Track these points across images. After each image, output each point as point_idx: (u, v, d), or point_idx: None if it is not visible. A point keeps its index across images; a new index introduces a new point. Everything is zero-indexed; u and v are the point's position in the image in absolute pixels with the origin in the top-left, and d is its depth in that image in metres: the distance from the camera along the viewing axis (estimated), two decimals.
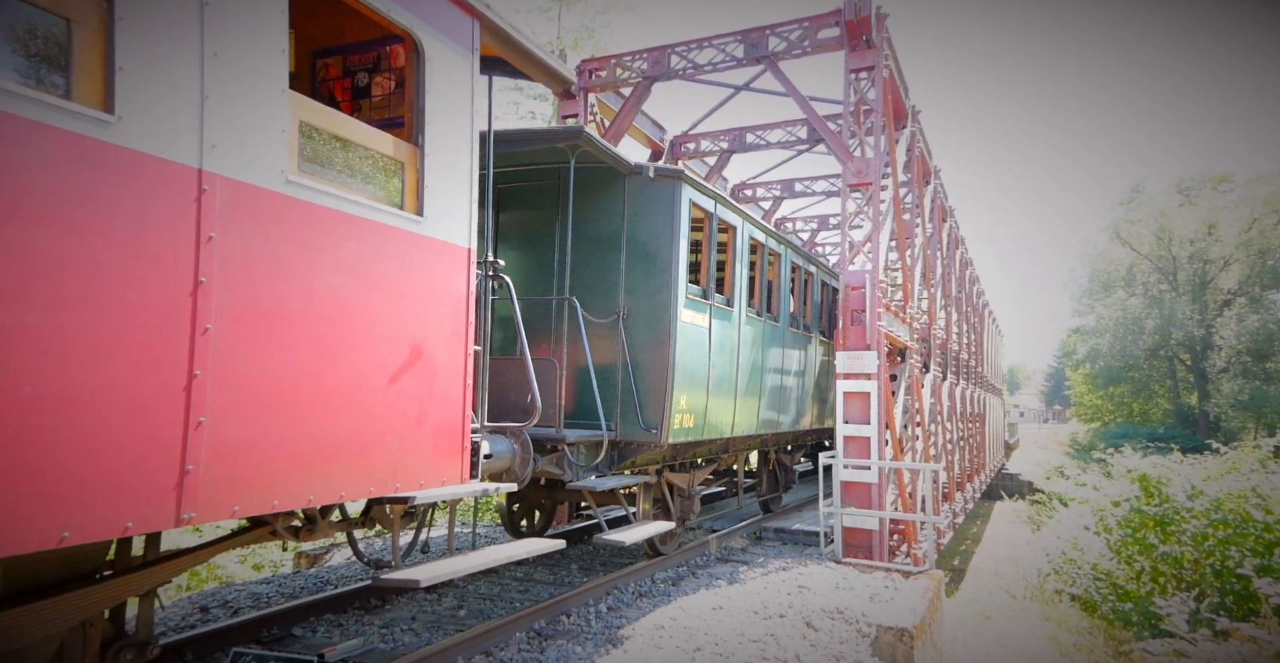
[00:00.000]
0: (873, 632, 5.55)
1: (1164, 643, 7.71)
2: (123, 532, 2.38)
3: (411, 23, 3.60)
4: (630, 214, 6.34)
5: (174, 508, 2.57)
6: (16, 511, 2.07)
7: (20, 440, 2.09)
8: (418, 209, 3.68)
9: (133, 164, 2.41)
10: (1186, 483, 12.22)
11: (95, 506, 2.29)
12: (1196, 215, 40.84)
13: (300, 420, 3.03)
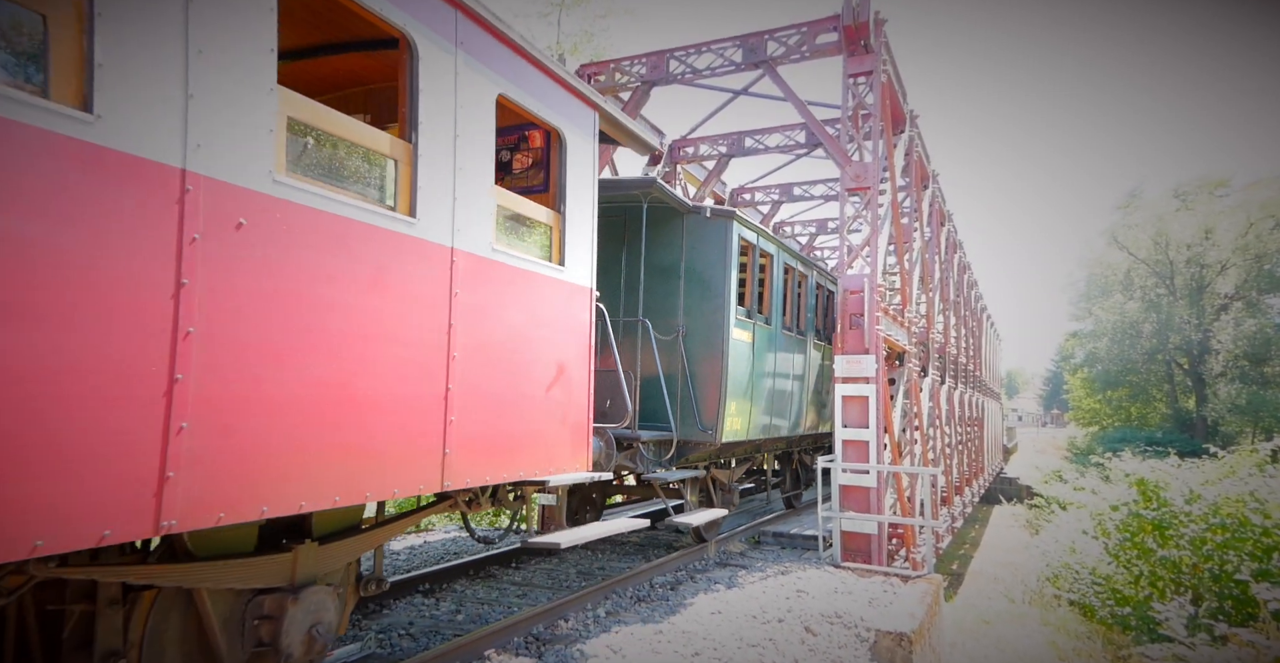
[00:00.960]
0: (871, 637, 5.54)
1: (1162, 648, 7.70)
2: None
3: (559, 121, 4.70)
4: (688, 246, 7.51)
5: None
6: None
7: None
8: (561, 261, 4.74)
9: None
10: (1184, 487, 12.22)
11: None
12: (1193, 220, 40.97)
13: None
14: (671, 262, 7.53)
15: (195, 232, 2.61)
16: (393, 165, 3.63)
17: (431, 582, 6.60)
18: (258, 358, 2.85)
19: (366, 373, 3.32)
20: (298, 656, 3.43)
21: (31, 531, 2.18)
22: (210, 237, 2.63)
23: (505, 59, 4.36)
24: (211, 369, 2.67)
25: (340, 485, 3.16)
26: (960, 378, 17.49)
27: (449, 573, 6.86)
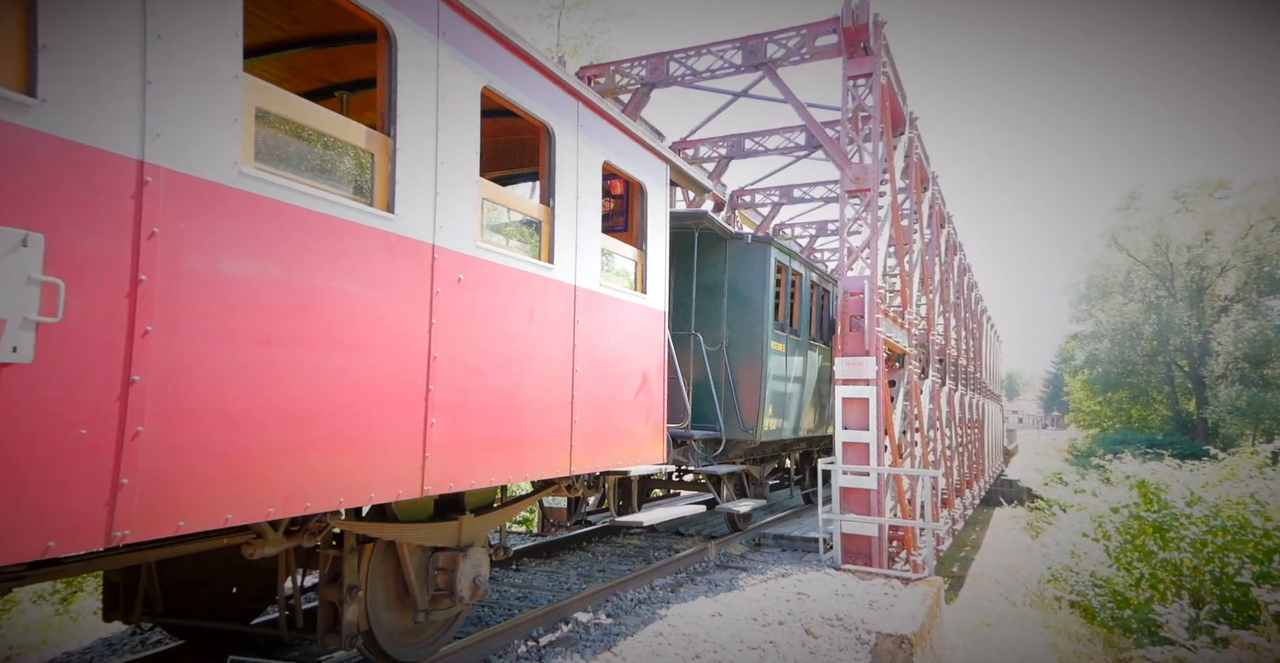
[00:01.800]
0: (872, 639, 5.53)
1: (1163, 650, 7.68)
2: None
3: (641, 175, 5.74)
4: (730, 268, 8.57)
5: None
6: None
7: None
8: (644, 289, 5.81)
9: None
10: (1185, 489, 12.21)
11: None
12: (1193, 222, 41.00)
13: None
14: (716, 281, 8.59)
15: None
16: (539, 226, 4.67)
17: None
18: (475, 374, 3.95)
19: (526, 383, 4.31)
20: (466, 598, 4.45)
21: (337, 491, 3.15)
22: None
23: (609, 133, 5.43)
24: (450, 381, 3.73)
25: (510, 470, 4.24)
26: (961, 380, 17.49)
27: None
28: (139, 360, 2.42)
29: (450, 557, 4.38)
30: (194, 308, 2.61)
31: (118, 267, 2.36)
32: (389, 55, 3.47)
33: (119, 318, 2.37)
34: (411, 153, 3.58)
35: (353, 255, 3.24)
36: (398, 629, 4.26)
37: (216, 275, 2.69)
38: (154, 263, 2.46)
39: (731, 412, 8.39)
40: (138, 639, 5.26)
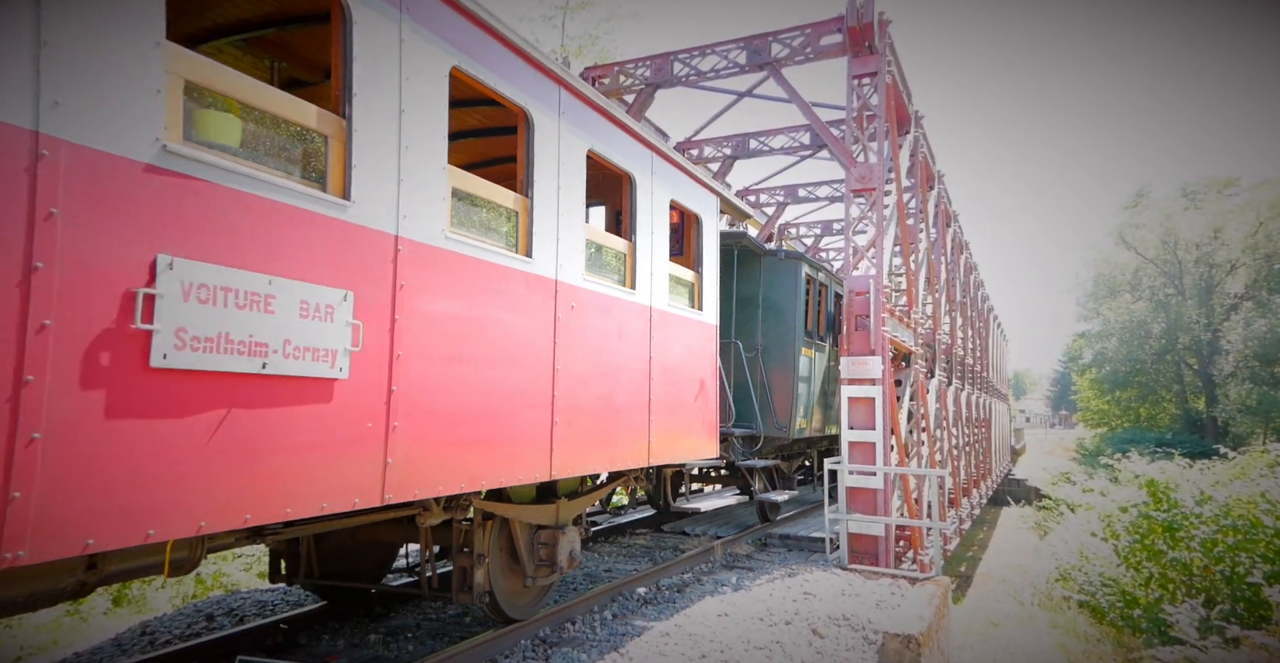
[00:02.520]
0: (879, 639, 5.52)
1: (1174, 650, 7.63)
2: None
3: (697, 207, 6.65)
4: (765, 282, 9.42)
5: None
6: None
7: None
8: (700, 306, 6.66)
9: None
10: (1195, 488, 12.12)
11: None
12: (1202, 219, 40.71)
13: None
14: (752, 293, 9.42)
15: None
16: (624, 258, 5.53)
17: (438, 585, 6.61)
18: (583, 383, 4.86)
19: (617, 390, 5.26)
20: (564, 567, 5.31)
21: (500, 474, 4.07)
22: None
23: (675, 175, 6.32)
24: (567, 389, 4.65)
25: (607, 461, 5.18)
26: (967, 379, 17.41)
27: None
28: (396, 376, 3.34)
29: (551, 533, 5.27)
30: (421, 338, 3.50)
31: (386, 312, 3.30)
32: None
33: (386, 346, 3.31)
34: (542, 210, 4.50)
35: (507, 292, 4.14)
36: (511, 591, 5.10)
37: (432, 313, 3.57)
38: (402, 307, 3.38)
39: (767, 412, 9.27)
40: (146, 639, 5.29)
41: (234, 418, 2.72)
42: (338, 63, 3.25)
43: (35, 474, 2.15)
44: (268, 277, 2.83)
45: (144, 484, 2.44)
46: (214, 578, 10.55)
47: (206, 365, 2.61)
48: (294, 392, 2.94)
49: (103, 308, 2.33)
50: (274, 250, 2.87)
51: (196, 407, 2.60)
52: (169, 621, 5.78)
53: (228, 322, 2.67)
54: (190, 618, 5.82)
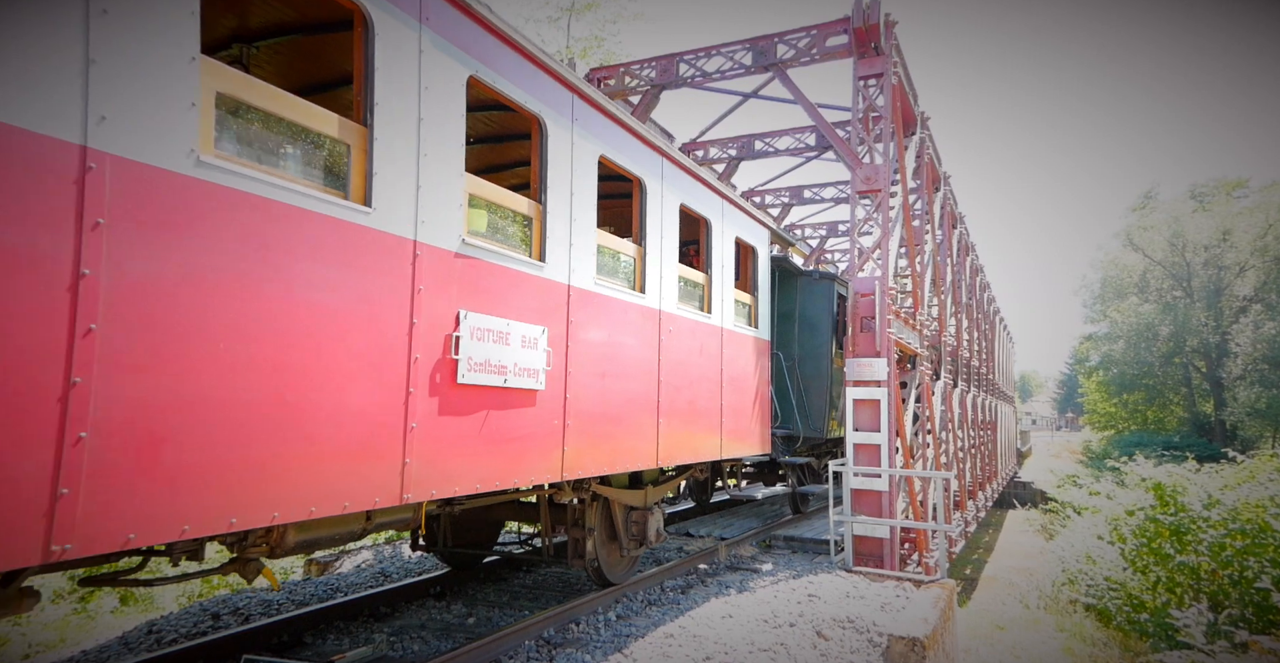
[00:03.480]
0: (884, 642, 5.50)
1: (1181, 655, 7.58)
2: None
3: (753, 240, 7.83)
4: (800, 299, 10.38)
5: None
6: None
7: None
8: (757, 325, 7.90)
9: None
10: (1202, 492, 12.05)
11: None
12: (1211, 221, 40.46)
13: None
14: (790, 309, 10.30)
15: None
16: (702, 287, 6.70)
17: (443, 585, 6.63)
18: (677, 391, 6.04)
19: (698, 396, 6.42)
20: (652, 542, 6.44)
21: (623, 463, 5.19)
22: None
23: (739, 216, 7.48)
24: (668, 395, 5.88)
25: (693, 454, 6.28)
26: (973, 381, 17.35)
27: (460, 576, 6.88)
28: (569, 388, 4.64)
29: (641, 514, 6.36)
30: (581, 359, 4.77)
31: (563, 340, 4.60)
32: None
33: (563, 366, 4.60)
34: (653, 252, 5.74)
35: (631, 322, 5.45)
36: (610, 560, 6.22)
37: (588, 340, 4.88)
38: (572, 337, 4.72)
39: (803, 415, 10.22)
40: (153, 638, 5.32)
41: (489, 417, 4.02)
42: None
43: (413, 449, 3.47)
44: (506, 320, 4.14)
45: (451, 459, 3.72)
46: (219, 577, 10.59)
47: (479, 381, 3.91)
48: (518, 399, 4.26)
49: (439, 346, 3.62)
50: (509, 301, 4.20)
51: (473, 408, 3.90)
52: (175, 619, 5.81)
53: (488, 352, 3.98)
54: (196, 617, 5.85)
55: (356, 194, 3.30)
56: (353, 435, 3.15)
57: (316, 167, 3.26)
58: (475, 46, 3.94)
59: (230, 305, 2.70)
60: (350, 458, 3.14)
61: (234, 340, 2.72)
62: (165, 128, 2.49)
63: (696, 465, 7.26)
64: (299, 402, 2.95)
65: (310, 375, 3.00)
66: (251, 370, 2.76)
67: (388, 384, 3.33)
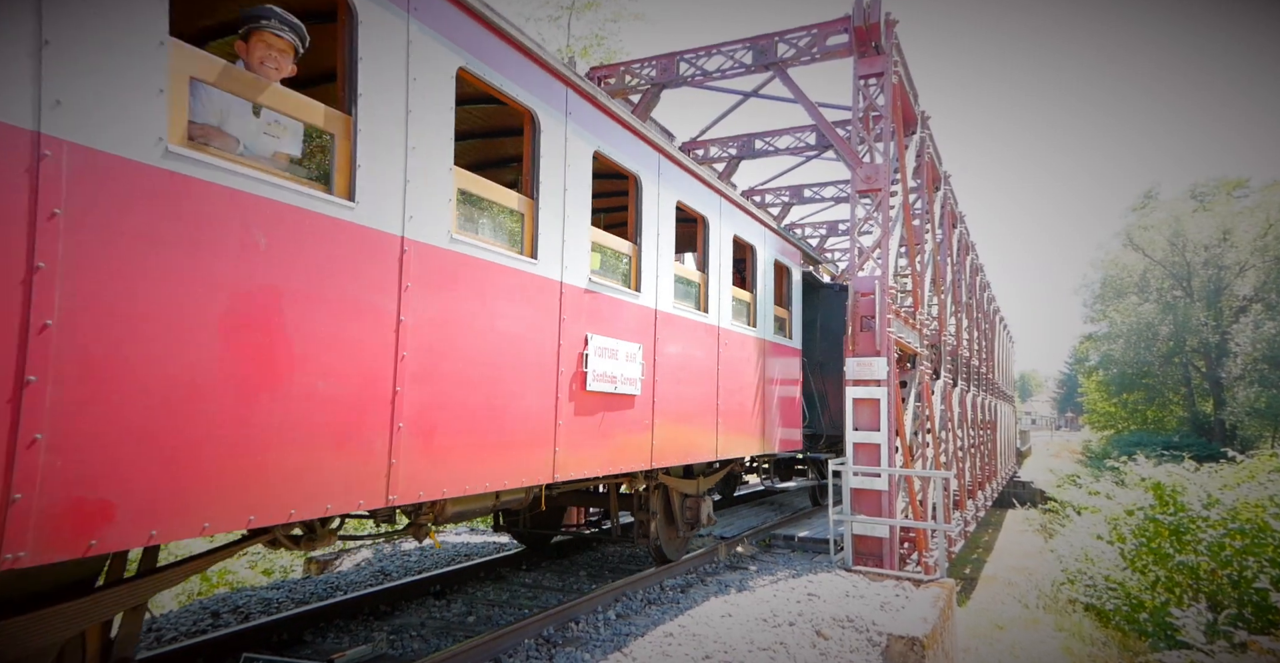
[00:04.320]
0: (883, 641, 5.50)
1: (1180, 654, 7.59)
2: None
3: (789, 262, 8.79)
4: (822, 308, 11.12)
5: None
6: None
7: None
8: (790, 335, 8.85)
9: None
10: (1202, 492, 12.05)
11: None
12: (1211, 221, 40.44)
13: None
14: (812, 318, 10.90)
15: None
16: (748, 304, 7.76)
17: (443, 583, 6.63)
18: (731, 395, 7.08)
19: (746, 399, 7.45)
20: (705, 523, 7.46)
21: (693, 455, 6.27)
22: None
23: (781, 243, 8.71)
24: (725, 397, 6.96)
25: (744, 448, 7.42)
26: (973, 381, 17.35)
27: (460, 575, 6.88)
28: (656, 393, 5.61)
29: (694, 500, 7.42)
30: (664, 370, 5.80)
31: (651, 355, 5.56)
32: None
33: (652, 375, 5.58)
34: (714, 277, 6.80)
35: (698, 338, 6.48)
36: (668, 540, 7.25)
37: (668, 353, 5.89)
38: (659, 351, 5.70)
39: (825, 414, 11.05)
40: (153, 636, 5.32)
41: (604, 417, 5.06)
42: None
43: (560, 441, 4.52)
44: (616, 340, 5.17)
45: (582, 450, 4.80)
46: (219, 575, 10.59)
47: (600, 389, 4.97)
48: (622, 403, 5.29)
49: (574, 361, 4.68)
50: (616, 325, 5.19)
51: (595, 410, 4.97)
52: (175, 618, 5.81)
53: (605, 365, 5.01)
54: (196, 616, 5.85)
55: (529, 249, 4.36)
56: (527, 430, 4.28)
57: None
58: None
59: (471, 342, 3.88)
60: (526, 447, 4.29)
61: (472, 362, 3.85)
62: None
63: (736, 460, 8.40)
64: (501, 406, 4.07)
65: (505, 386, 4.10)
66: (472, 384, 3.85)
67: (545, 391, 4.44)
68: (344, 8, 3.22)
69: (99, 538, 2.31)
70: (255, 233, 2.79)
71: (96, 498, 2.31)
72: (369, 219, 3.25)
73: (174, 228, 2.51)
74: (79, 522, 2.25)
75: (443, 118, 3.67)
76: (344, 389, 3.11)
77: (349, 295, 3.15)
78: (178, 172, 2.51)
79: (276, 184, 2.87)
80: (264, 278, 2.80)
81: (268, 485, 2.82)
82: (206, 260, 2.60)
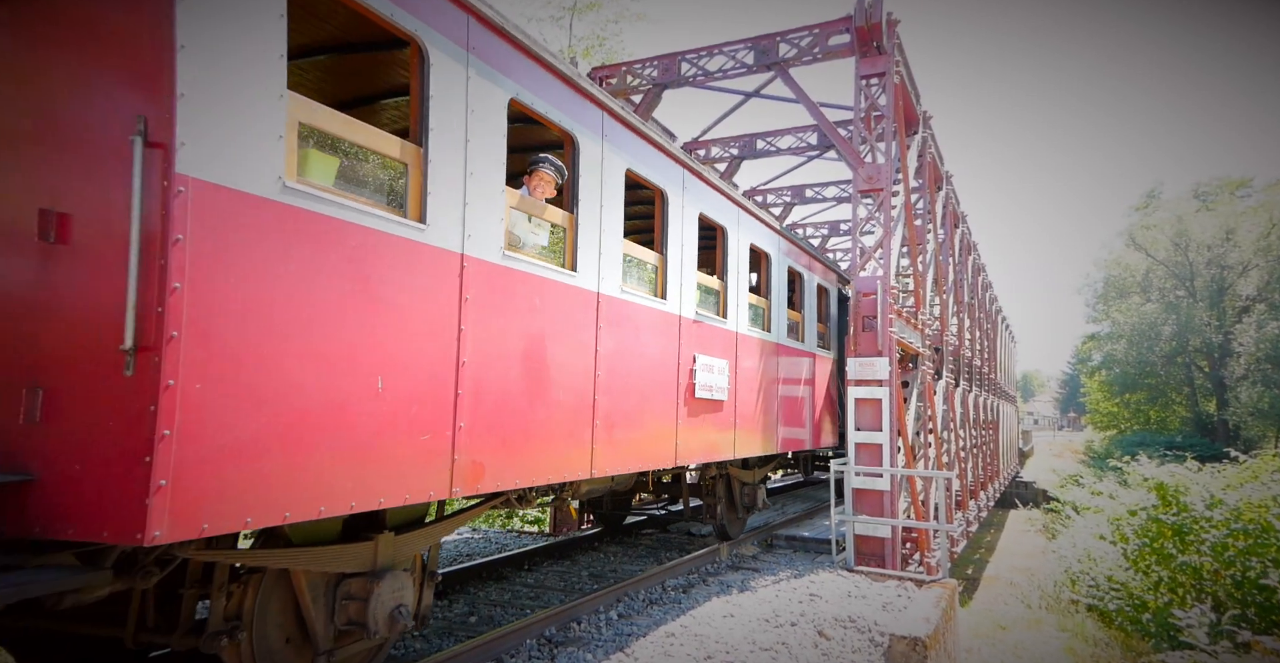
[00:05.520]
0: (885, 641, 5.50)
1: (1183, 655, 7.57)
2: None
3: (828, 285, 10.18)
4: (847, 314, 12.20)
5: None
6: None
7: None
8: (829, 347, 10.11)
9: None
10: (1205, 492, 12.02)
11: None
12: (1214, 221, 40.37)
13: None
14: (844, 327, 11.92)
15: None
16: (800, 322, 9.21)
17: (444, 583, 6.63)
18: (790, 403, 8.62)
19: (799, 401, 8.79)
20: (760, 507, 8.93)
21: (765, 448, 7.92)
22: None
23: (826, 272, 10.16)
24: (783, 403, 8.46)
25: (796, 444, 8.78)
26: (974, 381, 17.33)
27: (462, 575, 6.88)
28: (736, 398, 7.04)
29: (752, 488, 8.79)
30: (742, 379, 7.18)
31: (734, 368, 6.99)
32: None
33: (734, 384, 6.99)
34: (776, 301, 8.17)
35: (764, 352, 7.84)
36: (730, 521, 8.54)
37: (743, 367, 7.20)
38: (739, 366, 7.11)
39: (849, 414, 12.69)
40: None
41: (704, 418, 6.40)
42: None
43: (680, 436, 5.91)
44: (711, 357, 6.49)
45: (691, 443, 6.13)
46: None
47: (702, 396, 6.29)
48: (714, 406, 6.60)
49: (687, 375, 6.03)
50: (712, 346, 6.55)
51: (699, 413, 6.29)
52: None
53: (706, 378, 6.37)
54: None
55: (661, 291, 5.81)
56: (661, 425, 5.73)
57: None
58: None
59: (634, 365, 5.39)
60: (658, 439, 5.71)
61: (637, 378, 5.38)
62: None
63: (777, 456, 9.54)
64: (642, 408, 5.44)
65: (646, 395, 5.51)
66: (632, 394, 5.31)
67: (670, 398, 5.87)
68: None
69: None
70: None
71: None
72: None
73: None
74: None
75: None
76: (577, 397, 4.67)
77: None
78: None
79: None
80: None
81: (529, 460, 4.23)
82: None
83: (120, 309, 2.33)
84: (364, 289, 3.07)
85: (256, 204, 2.65)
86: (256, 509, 2.62)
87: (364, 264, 3.08)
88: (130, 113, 2.39)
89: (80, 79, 2.50)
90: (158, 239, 2.34)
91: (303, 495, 2.79)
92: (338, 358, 2.96)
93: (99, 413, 2.37)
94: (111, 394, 2.35)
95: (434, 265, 3.46)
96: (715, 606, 6.15)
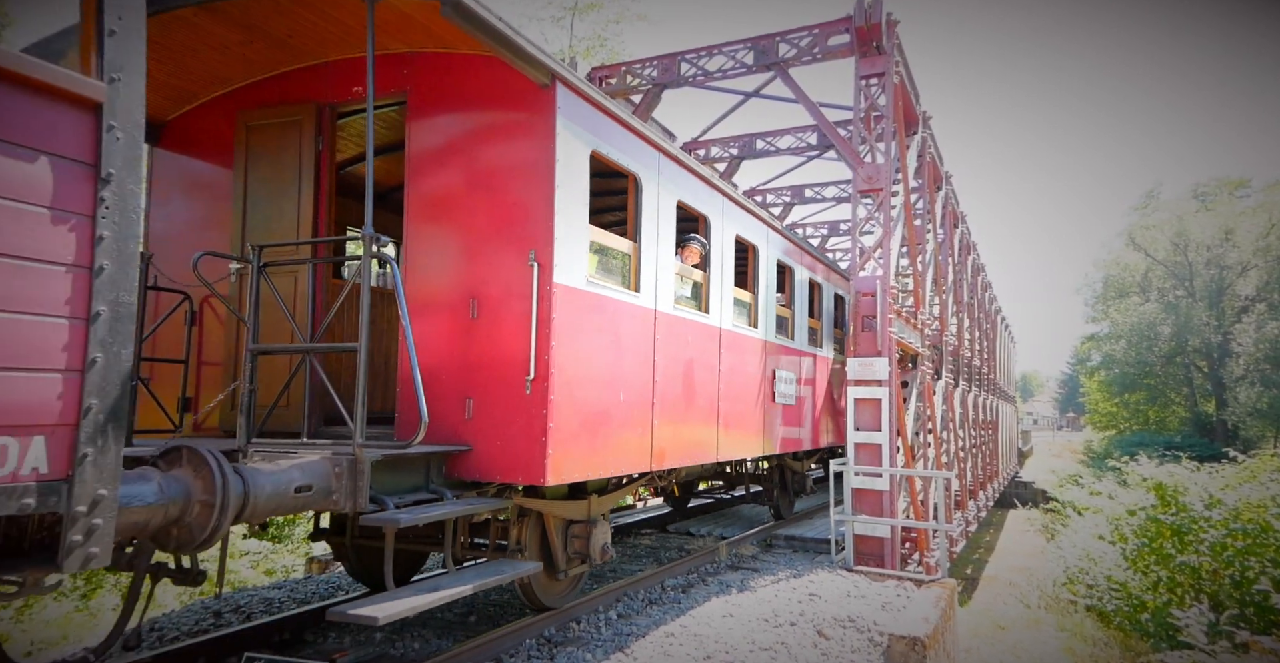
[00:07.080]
0: (885, 641, 5.50)
1: (1182, 655, 7.58)
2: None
3: (845, 294, 10.96)
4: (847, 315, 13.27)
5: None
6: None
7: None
8: (843, 351, 10.72)
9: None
10: (1204, 492, 12.04)
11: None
12: (1213, 221, 40.41)
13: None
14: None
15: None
16: (818, 331, 10.27)
17: None
18: (821, 405, 10.15)
19: (827, 403, 10.19)
20: (808, 491, 10.97)
21: (814, 442, 9.73)
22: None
23: (841, 284, 11.20)
24: (817, 409, 10.12)
25: (830, 438, 10.37)
26: (974, 381, 17.34)
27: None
28: (800, 402, 9.11)
29: (800, 475, 10.49)
30: (803, 386, 9.25)
31: (798, 378, 9.01)
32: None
33: (797, 391, 8.98)
34: (825, 320, 10.20)
35: (816, 364, 9.75)
36: (784, 504, 10.21)
37: (804, 376, 9.21)
38: (801, 376, 9.14)
39: None
40: (155, 635, 5.34)
41: (779, 417, 8.31)
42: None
43: (767, 431, 8.10)
44: (784, 370, 8.48)
45: (776, 437, 8.28)
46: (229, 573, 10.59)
47: (779, 401, 8.29)
48: (786, 408, 8.49)
49: (769, 385, 8.06)
50: (783, 360, 8.49)
51: (776, 414, 8.24)
52: (177, 617, 5.83)
53: (780, 387, 8.31)
54: (198, 615, 5.86)
55: (754, 321, 7.69)
56: (756, 423, 7.58)
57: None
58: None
59: (740, 378, 7.28)
60: (755, 434, 7.59)
61: (745, 387, 7.38)
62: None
63: (821, 449, 11.04)
64: (745, 410, 7.27)
65: (744, 399, 7.27)
66: (739, 399, 7.21)
67: (760, 402, 7.67)
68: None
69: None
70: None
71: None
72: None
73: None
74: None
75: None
76: (709, 402, 6.59)
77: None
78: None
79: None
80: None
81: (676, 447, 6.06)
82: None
83: (526, 355, 4.29)
84: (614, 337, 4.98)
85: (578, 293, 4.58)
86: (579, 471, 4.58)
87: (614, 321, 4.99)
88: (527, 247, 4.39)
89: (499, 234, 4.52)
90: (546, 318, 4.32)
91: (597, 464, 4.78)
92: (606, 381, 4.85)
93: (511, 414, 4.34)
94: (519, 404, 4.31)
95: (642, 319, 5.39)
96: (714, 605, 6.16)
